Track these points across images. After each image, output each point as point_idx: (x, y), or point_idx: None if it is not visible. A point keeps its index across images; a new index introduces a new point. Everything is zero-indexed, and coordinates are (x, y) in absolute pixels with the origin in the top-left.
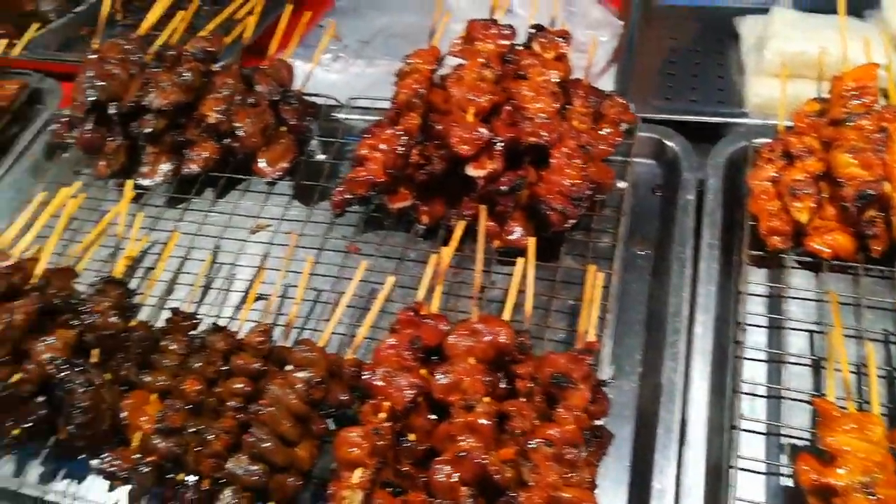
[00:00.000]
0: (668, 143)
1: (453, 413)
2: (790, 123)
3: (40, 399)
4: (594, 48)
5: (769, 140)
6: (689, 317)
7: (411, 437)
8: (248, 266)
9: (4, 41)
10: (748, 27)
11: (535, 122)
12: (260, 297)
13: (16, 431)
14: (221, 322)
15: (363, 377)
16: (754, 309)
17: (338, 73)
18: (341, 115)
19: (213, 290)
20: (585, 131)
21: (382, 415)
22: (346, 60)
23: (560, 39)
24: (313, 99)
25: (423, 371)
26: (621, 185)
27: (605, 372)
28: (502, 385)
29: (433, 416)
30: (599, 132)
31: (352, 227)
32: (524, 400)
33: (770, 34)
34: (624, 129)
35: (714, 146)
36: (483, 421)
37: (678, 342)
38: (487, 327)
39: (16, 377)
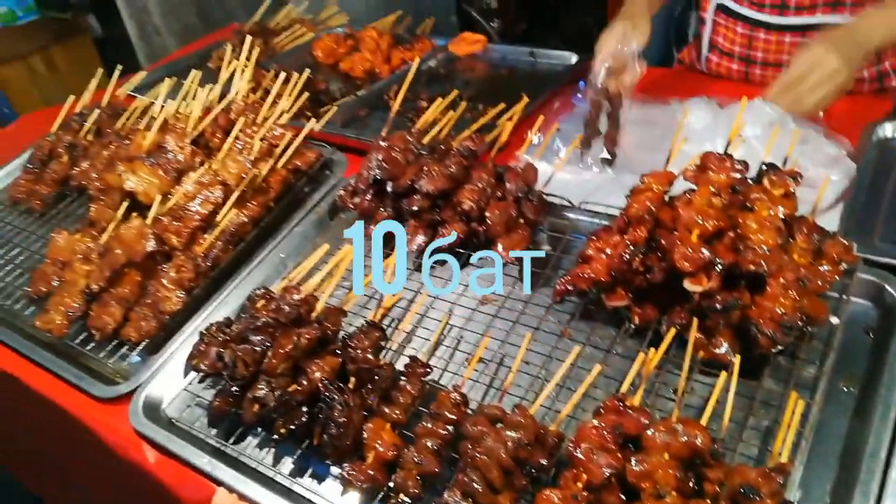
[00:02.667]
0: (889, 289)
1: (643, 498)
2: None
3: (305, 409)
4: (824, 186)
5: None
6: (885, 460)
7: None
8: (473, 332)
9: (304, 117)
10: None
11: (756, 252)
12: (480, 361)
13: (282, 430)
14: (446, 376)
15: (568, 448)
16: None
17: (569, 174)
18: (571, 215)
19: (442, 347)
20: (804, 266)
21: (580, 484)
22: (575, 163)
23: (790, 179)
24: (550, 199)
25: (619, 455)
26: (834, 320)
27: (793, 495)
28: (691, 485)
29: (623, 497)
30: (818, 268)
31: (566, 314)
32: (709, 502)
33: None
34: (843, 269)
35: None
36: None
37: (871, 482)
38: (686, 429)
39: (291, 388)
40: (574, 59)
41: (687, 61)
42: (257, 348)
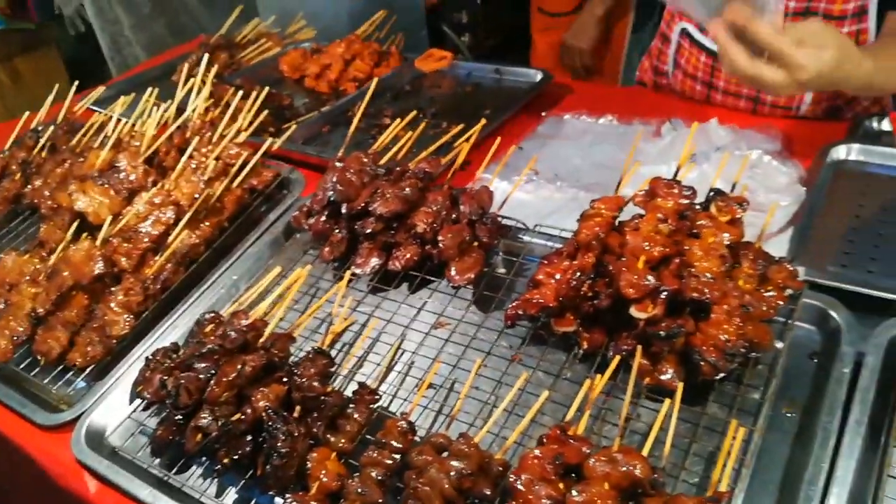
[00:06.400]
0: (832, 314)
1: None
2: None
3: (248, 438)
4: (772, 212)
5: None
6: (823, 488)
7: None
8: (425, 357)
9: (266, 132)
10: None
11: (700, 279)
12: (430, 386)
13: (225, 460)
14: (396, 402)
15: (509, 479)
16: (894, 493)
17: (528, 193)
18: (526, 238)
19: (393, 373)
20: (749, 292)
21: None
22: (537, 183)
23: (737, 205)
24: (505, 221)
25: (560, 485)
26: (779, 345)
27: None
28: None
29: None
30: (764, 293)
31: (518, 338)
32: None
33: None
34: (788, 294)
35: (879, 324)
36: None
37: None
38: (626, 458)
39: (235, 417)
40: (539, 76)
41: (648, 81)
42: (201, 376)
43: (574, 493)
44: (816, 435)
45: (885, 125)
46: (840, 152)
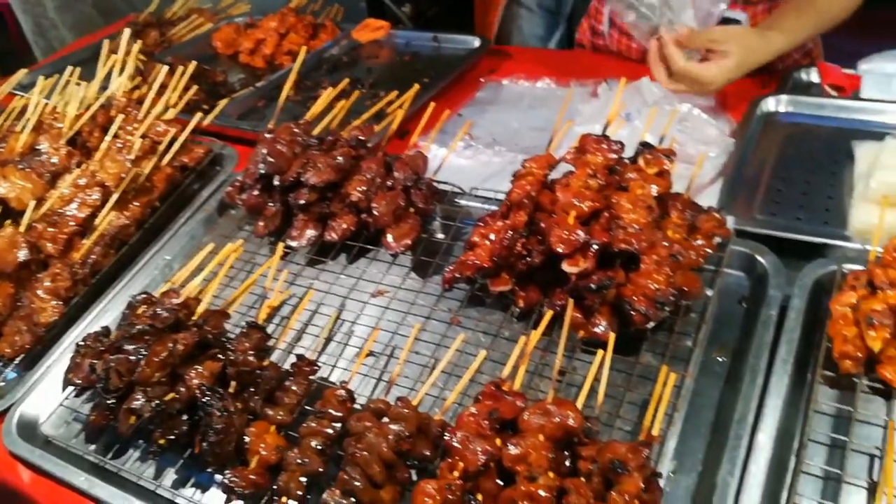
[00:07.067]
0: (759, 259)
1: (518, 482)
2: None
3: (184, 417)
4: (700, 163)
5: (860, 267)
6: (752, 425)
7: (479, 496)
8: (365, 325)
9: (200, 110)
10: (864, 152)
11: (627, 230)
12: (371, 354)
13: (161, 441)
14: (336, 372)
15: (445, 438)
16: (820, 427)
17: (467, 159)
18: (462, 202)
19: (333, 343)
20: (678, 241)
21: (456, 473)
22: (476, 149)
23: (664, 157)
24: (441, 186)
25: (497, 440)
26: (709, 292)
27: (667, 466)
28: (566, 463)
29: (500, 482)
30: (693, 242)
31: (457, 301)
32: (583, 480)
33: (879, 163)
34: (717, 243)
35: (804, 268)
36: (542, 493)
37: (738, 447)
38: (559, 409)
39: (169, 396)
40: (477, 42)
41: (586, 42)
42: (132, 357)
43: (510, 446)
44: (745, 376)
45: (814, 76)
46: (769, 104)
